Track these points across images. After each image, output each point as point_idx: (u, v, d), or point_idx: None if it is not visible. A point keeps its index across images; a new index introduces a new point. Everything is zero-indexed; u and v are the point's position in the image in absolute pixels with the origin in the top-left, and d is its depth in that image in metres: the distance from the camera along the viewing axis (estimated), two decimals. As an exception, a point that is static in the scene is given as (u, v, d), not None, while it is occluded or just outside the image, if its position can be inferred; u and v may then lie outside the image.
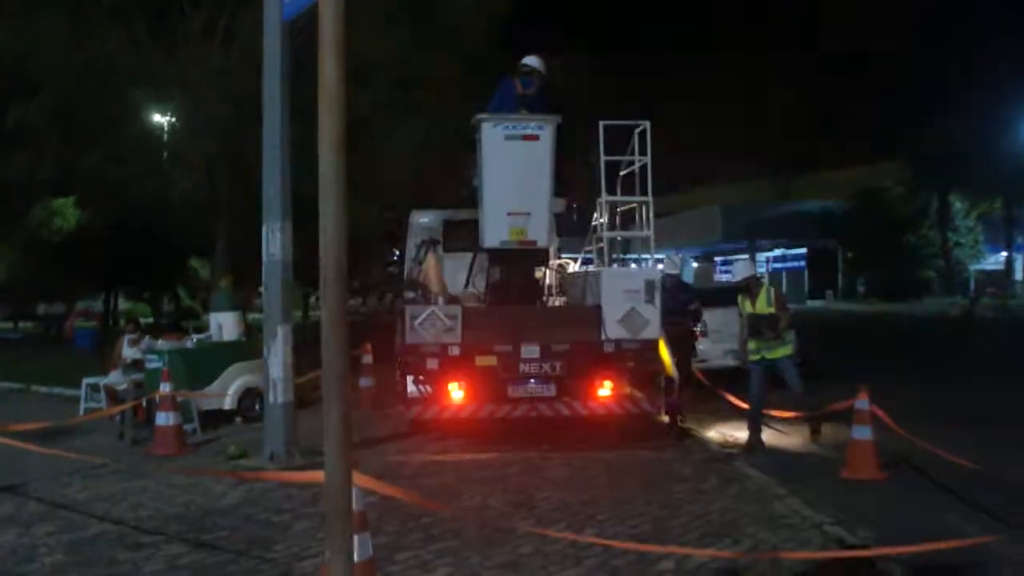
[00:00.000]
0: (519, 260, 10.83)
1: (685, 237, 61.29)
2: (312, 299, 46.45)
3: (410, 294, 11.37)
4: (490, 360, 10.06)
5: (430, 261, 10.72)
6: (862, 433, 8.97)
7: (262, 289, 10.14)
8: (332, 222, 4.80)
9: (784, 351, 10.66)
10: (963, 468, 8.24)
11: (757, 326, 10.65)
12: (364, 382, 14.15)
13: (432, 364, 10.02)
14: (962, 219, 55.49)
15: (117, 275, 42.62)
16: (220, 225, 16.93)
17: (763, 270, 61.88)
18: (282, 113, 9.73)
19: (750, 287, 10.88)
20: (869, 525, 7.08)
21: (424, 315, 9.91)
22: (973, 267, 56.32)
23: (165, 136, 16.40)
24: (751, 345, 10.70)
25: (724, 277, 50.21)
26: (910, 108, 55.67)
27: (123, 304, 59.16)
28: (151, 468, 9.93)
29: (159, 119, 16.54)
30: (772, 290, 10.87)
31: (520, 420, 10.24)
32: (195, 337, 13.69)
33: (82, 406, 13.90)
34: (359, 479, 5.15)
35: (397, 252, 16.78)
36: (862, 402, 9.07)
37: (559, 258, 13.24)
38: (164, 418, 10.88)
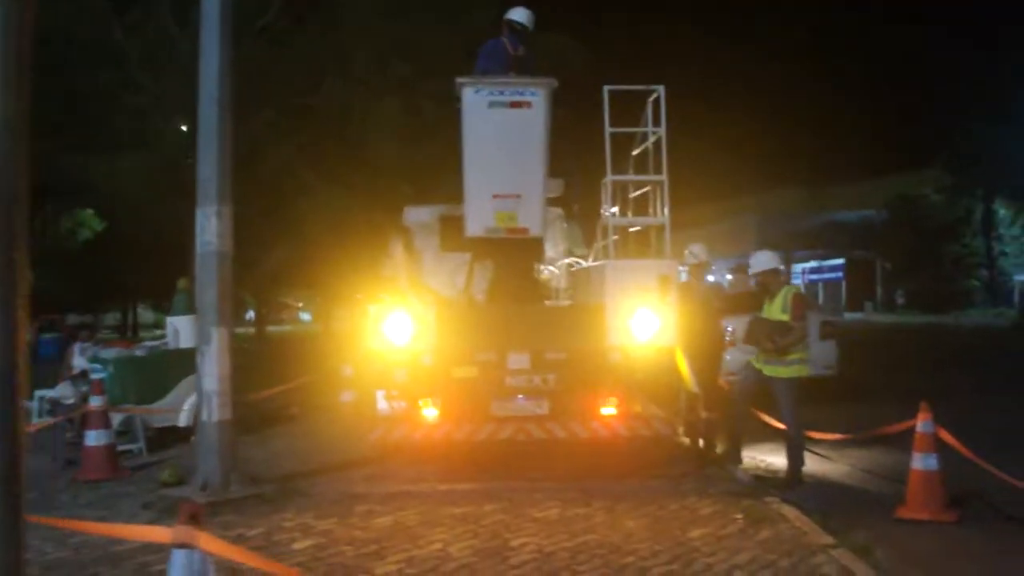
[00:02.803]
0: (510, 252, 9.12)
1: (718, 247, 59.21)
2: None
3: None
4: (470, 371, 8.36)
5: (400, 254, 9.04)
6: (927, 462, 7.16)
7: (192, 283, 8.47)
8: None
9: (785, 372, 8.73)
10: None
11: (757, 333, 8.85)
12: (345, 396, 12.51)
13: (400, 375, 8.36)
14: (1007, 227, 53.00)
15: (135, 285, 41.93)
16: (188, 214, 15.28)
17: (798, 280, 59.83)
18: (220, 78, 8.15)
19: (768, 284, 9.05)
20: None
21: (391, 316, 8.25)
22: (1018, 277, 53.71)
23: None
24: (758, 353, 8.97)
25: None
26: (949, 112, 53.26)
27: (151, 315, 58.57)
28: (67, 498, 8.47)
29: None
30: (791, 294, 8.89)
31: (508, 444, 8.53)
32: (147, 344, 12.15)
33: (34, 420, 12.45)
34: (209, 543, 3.53)
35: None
36: (926, 423, 7.27)
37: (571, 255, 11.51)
38: (94, 437, 9.41)
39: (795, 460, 8.65)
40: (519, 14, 9.23)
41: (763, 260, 9.11)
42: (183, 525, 3.53)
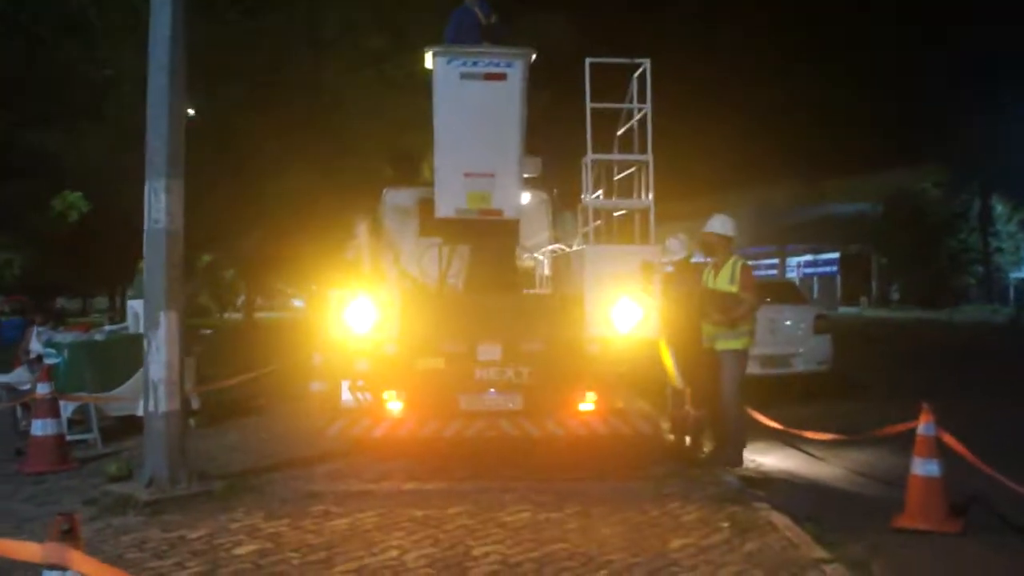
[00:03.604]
0: (483, 236, 8.52)
1: (711, 239, 58.66)
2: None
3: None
4: (436, 362, 7.78)
5: (365, 236, 8.44)
6: (927, 468, 6.60)
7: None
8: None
9: (733, 344, 8.47)
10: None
11: (706, 306, 8.60)
12: (315, 386, 11.94)
13: (361, 366, 7.79)
14: (1004, 224, 52.52)
15: (122, 270, 41.18)
16: None
17: (793, 274, 59.38)
18: (172, 41, 7.54)
19: (713, 249, 8.77)
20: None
21: (351, 302, 7.66)
22: (1014, 275, 53.25)
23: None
24: (704, 330, 8.64)
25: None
26: (948, 107, 52.69)
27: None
28: (6, 491, 7.92)
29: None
30: (739, 264, 8.58)
31: (477, 441, 7.95)
32: (107, 328, 11.55)
33: (-5, 406, 11.86)
34: (83, 564, 2.95)
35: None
36: (927, 426, 6.70)
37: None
38: (41, 426, 8.85)
39: (736, 440, 8.47)
40: None
41: (721, 223, 8.80)
42: (54, 542, 2.95)
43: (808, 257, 61.97)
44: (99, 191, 16.31)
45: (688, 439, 9.29)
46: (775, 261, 59.78)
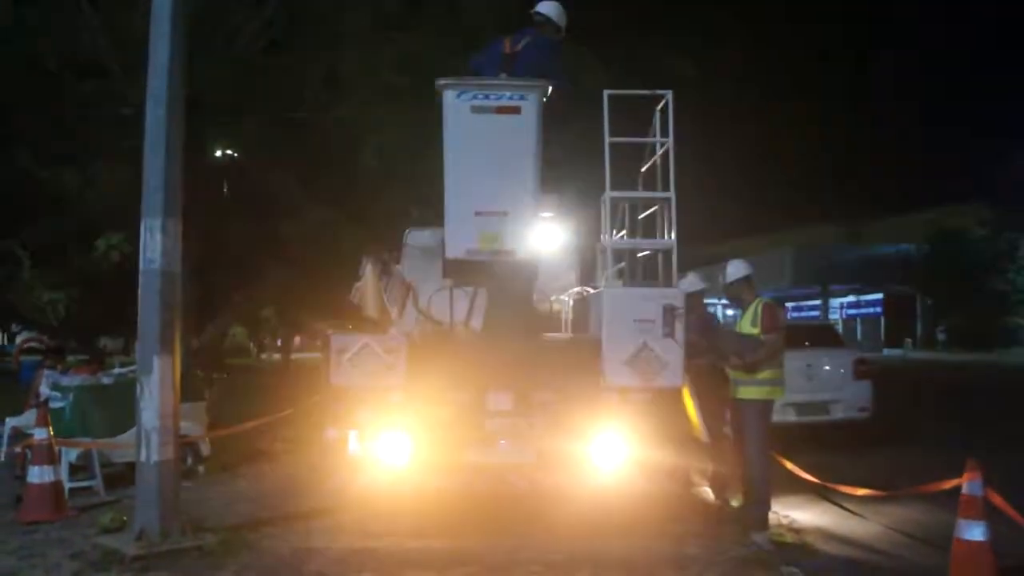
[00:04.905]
0: (497, 277, 8.06)
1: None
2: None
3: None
4: (444, 412, 7.32)
5: (368, 277, 8.03)
6: (972, 532, 6.03)
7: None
8: None
9: (754, 393, 7.78)
10: None
11: (724, 349, 8.01)
12: (330, 434, 11.56)
13: (365, 414, 7.36)
14: (1053, 263, 51.11)
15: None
16: None
17: (836, 316, 58.30)
18: (169, 75, 7.28)
19: (739, 296, 8.22)
20: None
21: (355, 348, 7.26)
22: (1064, 315, 51.66)
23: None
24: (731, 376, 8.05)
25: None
26: (992, 144, 51.81)
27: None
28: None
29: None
30: (762, 304, 7.95)
31: (489, 495, 7.46)
32: (117, 370, 11.27)
33: (3, 450, 11.61)
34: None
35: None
36: (973, 484, 6.13)
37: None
38: (37, 474, 8.54)
39: (760, 501, 7.73)
40: (543, 6, 8.28)
41: (735, 268, 8.26)
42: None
43: (851, 298, 60.89)
44: (132, 232, 16.09)
45: (714, 495, 8.76)
46: (818, 303, 58.79)
